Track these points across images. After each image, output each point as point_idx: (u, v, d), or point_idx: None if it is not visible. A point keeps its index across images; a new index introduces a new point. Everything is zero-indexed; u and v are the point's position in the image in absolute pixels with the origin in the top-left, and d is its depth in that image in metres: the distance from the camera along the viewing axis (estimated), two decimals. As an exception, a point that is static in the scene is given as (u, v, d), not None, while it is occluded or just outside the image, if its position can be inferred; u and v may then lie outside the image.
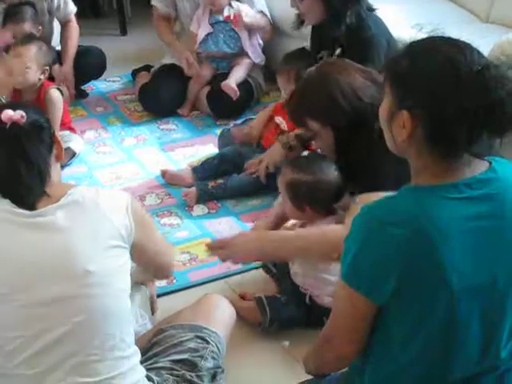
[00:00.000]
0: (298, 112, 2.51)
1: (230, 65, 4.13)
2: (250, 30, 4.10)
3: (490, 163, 1.61)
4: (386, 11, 3.97)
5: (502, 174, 1.61)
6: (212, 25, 4.07)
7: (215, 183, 3.35)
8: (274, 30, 4.22)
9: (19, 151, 1.79)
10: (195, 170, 3.47)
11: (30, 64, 3.49)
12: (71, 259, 1.77)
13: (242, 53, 4.11)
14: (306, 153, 2.65)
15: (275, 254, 2.41)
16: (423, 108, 1.54)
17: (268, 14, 4.17)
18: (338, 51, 3.24)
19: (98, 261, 1.78)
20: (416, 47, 1.61)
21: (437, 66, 1.54)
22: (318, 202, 2.49)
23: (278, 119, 3.47)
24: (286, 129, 3.40)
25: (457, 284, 1.53)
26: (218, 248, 2.39)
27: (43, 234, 1.77)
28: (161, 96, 4.09)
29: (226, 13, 4.02)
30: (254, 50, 4.15)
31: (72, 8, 4.19)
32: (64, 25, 4.17)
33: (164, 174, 3.52)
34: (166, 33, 4.25)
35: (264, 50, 4.23)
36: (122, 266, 1.85)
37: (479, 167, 1.60)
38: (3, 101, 3.44)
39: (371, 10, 3.25)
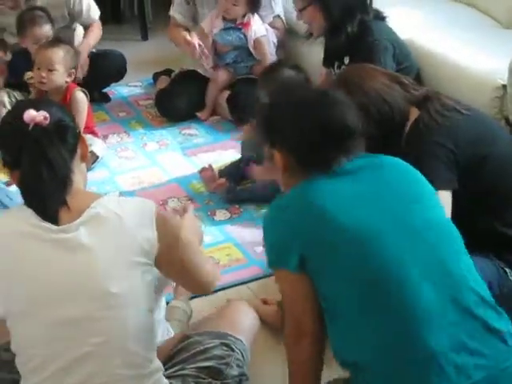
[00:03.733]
0: None
1: (248, 70, 4.12)
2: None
3: None
4: (406, 15, 3.99)
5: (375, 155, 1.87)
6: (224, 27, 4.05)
7: (244, 186, 3.41)
8: (288, 31, 4.21)
9: (41, 156, 1.70)
10: (221, 173, 3.49)
11: (58, 66, 3.55)
12: (93, 280, 1.71)
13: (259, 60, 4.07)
14: None
15: None
16: (279, 145, 1.84)
17: (283, 18, 4.18)
18: (346, 60, 3.25)
19: (120, 281, 1.72)
20: (273, 94, 2.04)
21: (282, 109, 1.87)
22: None
23: None
24: None
25: (358, 234, 1.69)
26: None
27: (66, 252, 1.71)
28: (176, 102, 4.10)
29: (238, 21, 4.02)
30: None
31: (95, 12, 4.23)
32: (88, 26, 4.21)
33: (204, 169, 3.53)
34: (179, 35, 4.17)
35: (277, 51, 4.18)
36: (145, 285, 1.78)
37: None
38: None
39: (380, 18, 3.23)
